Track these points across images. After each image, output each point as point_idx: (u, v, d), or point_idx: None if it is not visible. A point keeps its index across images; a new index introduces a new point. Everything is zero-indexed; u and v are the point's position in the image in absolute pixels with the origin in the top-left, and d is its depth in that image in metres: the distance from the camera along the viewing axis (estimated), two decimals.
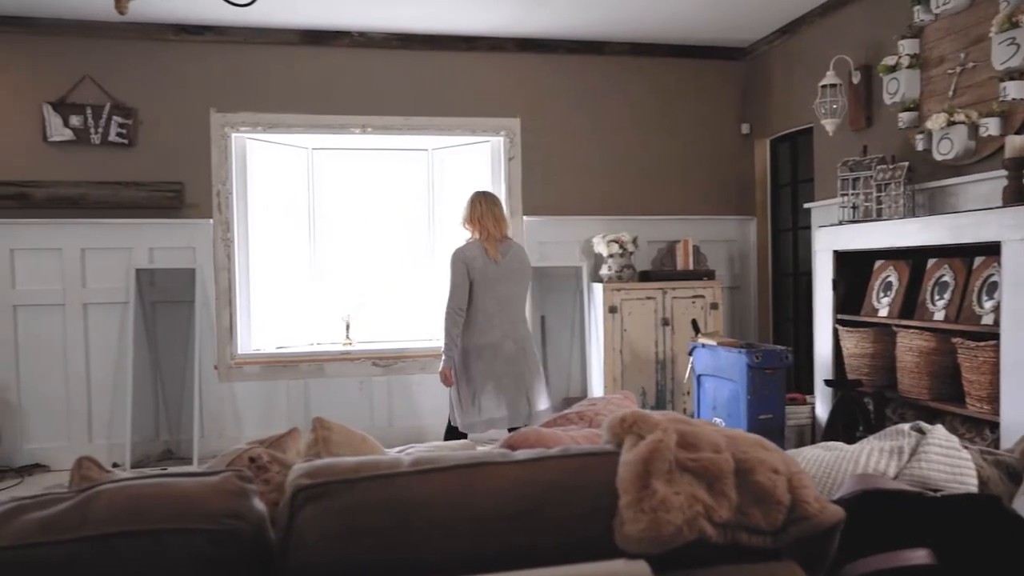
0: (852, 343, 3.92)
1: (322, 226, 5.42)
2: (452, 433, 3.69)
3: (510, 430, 3.55)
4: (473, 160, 5.40)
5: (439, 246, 5.32)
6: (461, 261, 3.56)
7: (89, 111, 4.65)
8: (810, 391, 4.60)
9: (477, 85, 5.20)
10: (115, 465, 4.56)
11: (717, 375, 4.21)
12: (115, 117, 4.68)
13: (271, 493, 1.34)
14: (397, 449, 1.99)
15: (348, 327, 5.14)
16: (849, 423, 3.66)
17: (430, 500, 1.05)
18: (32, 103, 4.60)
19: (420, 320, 5.35)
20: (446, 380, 3.60)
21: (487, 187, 5.31)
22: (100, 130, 4.66)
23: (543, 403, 3.65)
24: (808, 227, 4.88)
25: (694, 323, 4.59)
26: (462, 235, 3.77)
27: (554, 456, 1.12)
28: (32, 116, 4.61)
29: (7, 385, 4.63)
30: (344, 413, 4.88)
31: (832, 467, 1.68)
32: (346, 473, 1.07)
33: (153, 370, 4.85)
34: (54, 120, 4.61)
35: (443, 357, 3.59)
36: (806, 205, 4.83)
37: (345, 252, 5.43)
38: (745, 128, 5.53)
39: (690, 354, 4.42)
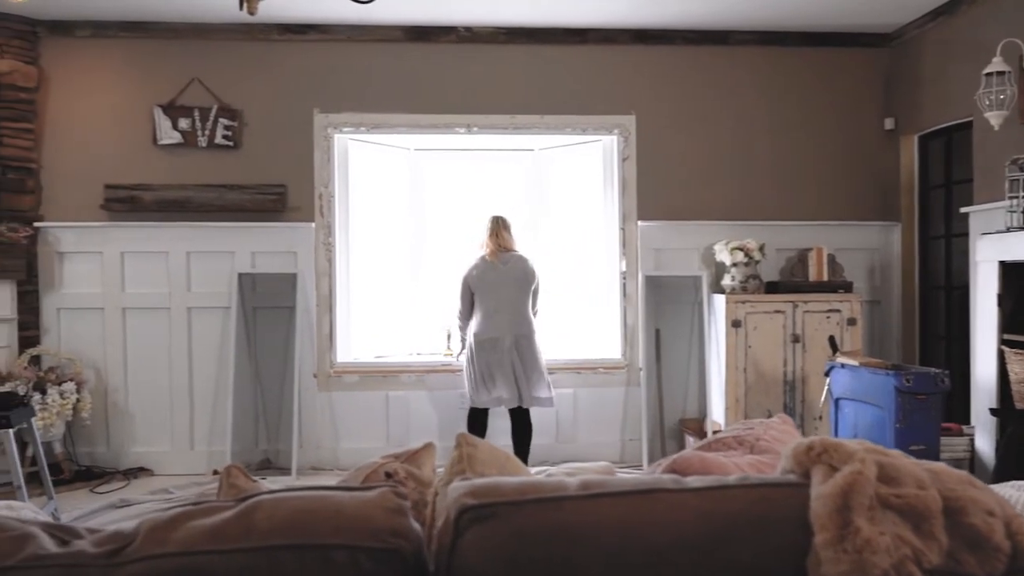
0: (1022, 367, 3.67)
1: (423, 230, 5.54)
2: (473, 415, 4.63)
3: (511, 410, 4.57)
4: (583, 161, 5.40)
5: (545, 252, 5.32)
6: (464, 277, 4.66)
7: (197, 113, 4.94)
8: (965, 420, 4.34)
9: (588, 80, 5.20)
10: (215, 473, 4.81)
11: (858, 399, 4.03)
12: (221, 119, 4.96)
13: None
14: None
15: (449, 337, 5.23)
16: (1020, 459, 3.43)
17: (602, 528, 1.05)
18: (144, 106, 4.94)
19: None
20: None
21: (597, 190, 5.33)
22: (207, 132, 4.94)
23: (543, 392, 4.58)
24: (965, 234, 4.60)
25: (831, 340, 4.41)
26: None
27: (734, 485, 1.09)
28: (143, 119, 4.95)
29: (117, 387, 4.97)
30: (444, 428, 4.97)
31: None
32: (511, 495, 1.08)
33: (253, 377, 5.08)
34: (164, 123, 4.93)
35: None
36: (963, 209, 4.56)
37: (447, 258, 5.53)
38: (889, 123, 5.29)
39: (827, 375, 4.26)
